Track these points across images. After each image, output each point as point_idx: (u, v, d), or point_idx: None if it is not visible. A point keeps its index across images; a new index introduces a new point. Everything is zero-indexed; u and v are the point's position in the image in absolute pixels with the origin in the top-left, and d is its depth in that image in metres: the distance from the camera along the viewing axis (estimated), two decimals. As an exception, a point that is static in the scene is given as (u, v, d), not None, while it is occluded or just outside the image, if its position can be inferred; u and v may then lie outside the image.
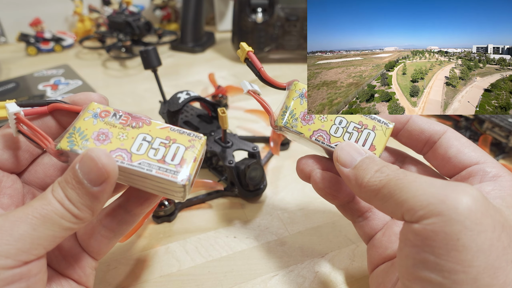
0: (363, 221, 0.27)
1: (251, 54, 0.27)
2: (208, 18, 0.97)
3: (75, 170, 0.20)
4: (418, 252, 0.18)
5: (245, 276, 0.31)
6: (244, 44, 0.27)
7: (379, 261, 0.25)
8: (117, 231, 0.24)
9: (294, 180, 0.42)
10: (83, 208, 0.20)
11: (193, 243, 0.34)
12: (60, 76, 0.60)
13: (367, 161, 0.23)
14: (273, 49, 0.72)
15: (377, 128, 0.26)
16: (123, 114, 0.23)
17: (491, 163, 0.23)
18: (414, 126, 0.26)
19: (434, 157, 0.26)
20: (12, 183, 0.23)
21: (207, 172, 0.43)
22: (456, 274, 0.17)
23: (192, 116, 0.44)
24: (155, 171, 0.21)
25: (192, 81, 0.67)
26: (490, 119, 0.44)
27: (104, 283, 0.30)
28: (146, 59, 0.44)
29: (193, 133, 0.23)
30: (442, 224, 0.17)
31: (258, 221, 0.36)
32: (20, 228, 0.18)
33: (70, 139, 0.21)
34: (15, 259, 0.18)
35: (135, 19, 0.75)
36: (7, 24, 0.83)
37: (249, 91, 0.27)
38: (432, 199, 0.18)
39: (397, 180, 0.20)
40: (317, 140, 0.25)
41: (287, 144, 0.47)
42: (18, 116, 0.21)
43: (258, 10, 0.68)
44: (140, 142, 0.22)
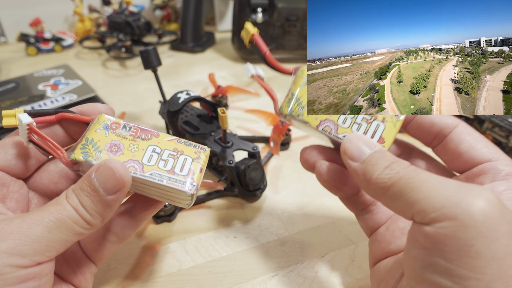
0: (366, 214, 0.27)
1: (257, 36, 0.25)
2: (208, 18, 0.97)
3: (91, 179, 0.21)
4: (428, 255, 0.18)
5: (245, 276, 0.31)
6: (249, 24, 0.25)
7: (381, 255, 0.25)
8: (121, 236, 0.25)
9: (294, 180, 0.42)
10: (95, 215, 0.21)
11: (193, 243, 0.34)
12: (60, 76, 0.60)
13: (377, 155, 0.22)
14: (273, 49, 0.72)
15: (387, 120, 0.24)
16: (133, 126, 0.25)
17: (504, 161, 0.22)
18: (424, 118, 0.25)
19: (444, 151, 0.25)
20: (19, 188, 0.24)
21: (207, 172, 0.43)
22: (468, 281, 0.16)
23: (192, 116, 0.44)
24: (166, 181, 0.23)
25: (192, 81, 0.67)
26: (490, 119, 0.44)
27: (104, 283, 0.30)
28: (146, 59, 0.44)
29: (198, 145, 0.25)
30: (455, 229, 0.17)
31: (258, 221, 0.36)
32: (37, 230, 0.19)
33: (83, 150, 0.23)
34: (31, 259, 0.19)
35: (135, 19, 0.75)
36: (7, 24, 0.83)
37: (252, 76, 0.26)
38: (446, 201, 0.17)
39: (408, 179, 0.19)
40: (324, 130, 0.24)
41: (287, 144, 0.47)
42: (31, 127, 0.22)
43: (258, 10, 0.68)
44: (150, 154, 0.23)
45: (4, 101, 0.53)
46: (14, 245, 0.18)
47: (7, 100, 0.53)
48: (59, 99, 0.53)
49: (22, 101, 0.53)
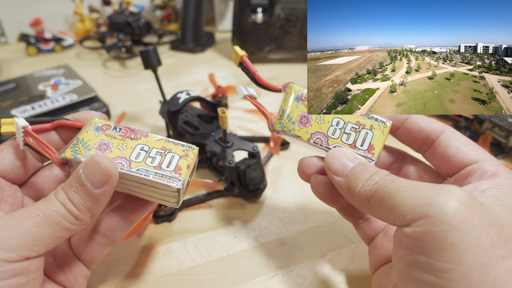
0: (364, 222, 0.27)
1: (245, 58, 0.27)
2: (208, 18, 0.97)
3: (78, 174, 0.21)
4: (410, 253, 0.19)
5: (245, 276, 0.31)
6: (237, 48, 0.27)
7: (381, 262, 0.25)
8: (111, 238, 0.25)
9: (294, 180, 0.42)
10: (84, 210, 0.21)
11: (193, 243, 0.34)
12: (60, 76, 0.60)
13: (359, 168, 0.23)
14: (273, 49, 0.72)
15: (374, 127, 0.26)
16: (123, 127, 0.25)
17: (491, 161, 0.23)
18: (412, 124, 0.26)
19: (433, 156, 0.26)
20: (13, 192, 0.24)
21: (207, 172, 0.43)
22: (447, 273, 0.17)
23: (192, 116, 0.44)
24: (152, 176, 0.23)
25: (192, 81, 0.67)
26: (490, 119, 0.44)
27: (104, 283, 0.30)
28: (146, 59, 0.44)
29: (187, 144, 0.25)
30: (430, 225, 0.18)
31: (258, 221, 0.36)
32: (24, 225, 0.19)
33: (74, 149, 0.23)
34: (17, 253, 0.19)
35: (135, 19, 0.75)
36: (7, 24, 0.83)
37: (245, 96, 0.27)
38: (418, 202, 0.19)
39: (385, 187, 0.21)
40: (315, 143, 0.25)
41: (287, 144, 0.47)
42: (26, 129, 0.23)
43: (258, 10, 0.68)
44: (138, 152, 0.24)
45: (4, 101, 0.53)
46: (1, 240, 0.18)
47: (7, 100, 0.53)
48: (59, 99, 0.53)
49: (22, 101, 0.53)
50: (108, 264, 0.31)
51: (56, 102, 0.53)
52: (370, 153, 0.25)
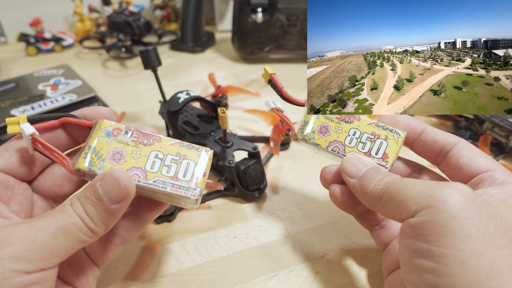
0: (379, 229, 0.28)
1: (274, 76, 0.30)
2: (208, 18, 0.97)
3: (96, 188, 0.21)
4: (413, 242, 0.20)
5: (245, 276, 0.31)
6: (267, 67, 0.30)
7: (394, 266, 0.26)
8: (125, 238, 0.25)
9: (294, 180, 0.42)
10: (99, 224, 0.21)
11: (193, 243, 0.34)
12: (60, 76, 0.60)
13: (371, 171, 0.25)
14: (273, 49, 0.72)
15: (389, 138, 0.28)
16: (134, 131, 0.24)
17: (501, 171, 0.24)
18: (428, 136, 0.28)
19: (447, 166, 0.27)
20: (23, 190, 0.24)
21: (207, 172, 0.43)
22: (446, 258, 0.18)
23: (192, 116, 0.44)
24: (169, 188, 0.23)
25: (192, 81, 0.67)
26: (490, 119, 0.44)
27: (104, 283, 0.30)
28: (146, 59, 0.44)
29: (201, 148, 0.25)
30: (431, 214, 0.19)
31: (258, 221, 0.36)
32: (43, 236, 0.19)
33: (87, 159, 0.23)
34: (35, 265, 0.19)
35: (135, 19, 0.75)
36: (7, 24, 0.83)
37: (272, 109, 0.30)
38: (423, 195, 0.20)
39: (394, 185, 0.22)
40: (333, 150, 0.28)
41: (287, 144, 0.47)
42: (34, 137, 0.22)
43: (258, 10, 0.68)
44: (153, 160, 0.23)
45: (4, 101, 0.53)
46: (21, 251, 0.18)
47: (7, 100, 0.53)
48: (59, 99, 0.53)
49: (22, 101, 0.53)
50: (108, 264, 0.31)
51: (56, 102, 0.53)
52: (384, 161, 0.27)
